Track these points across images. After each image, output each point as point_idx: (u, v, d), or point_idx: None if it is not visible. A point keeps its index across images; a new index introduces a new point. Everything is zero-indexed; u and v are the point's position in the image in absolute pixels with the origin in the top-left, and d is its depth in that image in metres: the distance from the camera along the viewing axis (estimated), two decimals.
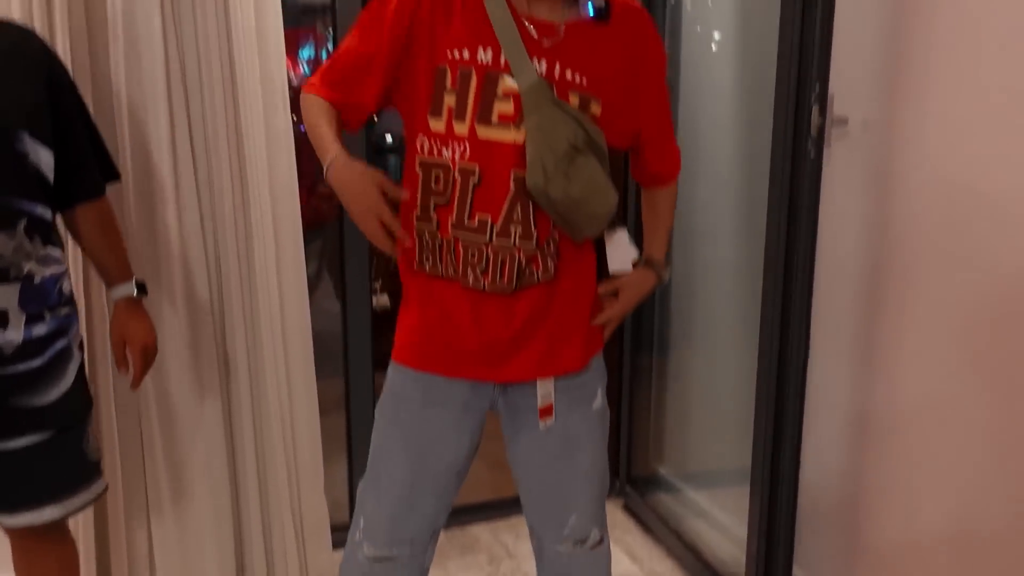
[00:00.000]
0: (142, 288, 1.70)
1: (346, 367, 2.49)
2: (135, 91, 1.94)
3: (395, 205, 1.33)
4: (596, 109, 1.35)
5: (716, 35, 2.40)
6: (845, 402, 1.95)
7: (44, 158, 1.48)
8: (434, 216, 1.36)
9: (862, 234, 1.84)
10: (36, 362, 1.50)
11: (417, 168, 1.36)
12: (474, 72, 1.31)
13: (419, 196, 1.36)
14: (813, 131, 1.69)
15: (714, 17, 2.40)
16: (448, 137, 1.33)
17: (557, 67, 1.33)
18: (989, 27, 1.52)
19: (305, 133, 1.41)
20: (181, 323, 2.06)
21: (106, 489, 1.67)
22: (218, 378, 2.14)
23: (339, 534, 2.08)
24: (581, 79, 1.34)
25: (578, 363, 1.47)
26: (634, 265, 1.57)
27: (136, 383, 1.70)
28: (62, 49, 1.83)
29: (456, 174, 1.33)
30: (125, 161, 1.96)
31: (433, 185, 1.35)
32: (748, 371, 1.98)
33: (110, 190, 1.69)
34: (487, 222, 1.34)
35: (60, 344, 1.54)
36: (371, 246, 1.71)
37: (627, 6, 1.40)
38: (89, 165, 1.62)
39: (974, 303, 1.60)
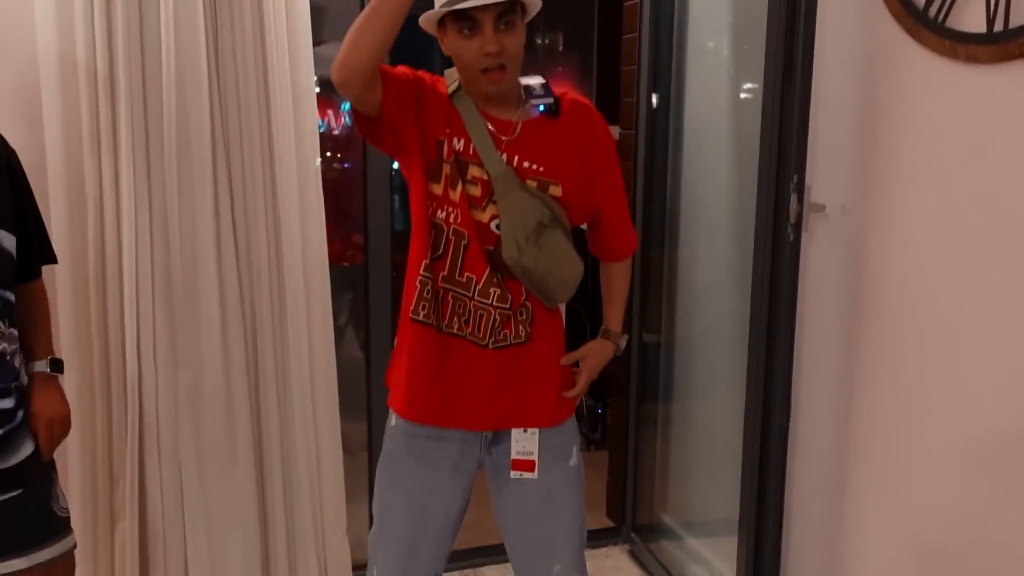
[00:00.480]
0: (57, 365, 1.76)
1: (369, 411, 2.69)
2: (184, 176, 2.18)
3: None
4: (556, 191, 1.57)
5: (714, 130, 2.58)
6: (826, 457, 2.08)
7: (9, 244, 1.60)
8: (432, 269, 1.58)
9: (840, 308, 1.99)
10: (2, 431, 1.61)
11: (425, 223, 1.57)
12: (455, 156, 1.54)
13: (429, 249, 1.57)
14: (792, 217, 1.85)
15: (713, 113, 2.58)
16: (444, 201, 1.55)
17: (516, 158, 1.55)
18: (954, 125, 1.67)
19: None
20: (217, 371, 2.27)
21: (75, 546, 1.75)
22: (250, 424, 2.33)
23: (360, 572, 2.26)
24: (538, 167, 1.56)
25: (552, 419, 1.65)
26: None
27: (45, 455, 1.72)
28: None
29: (451, 234, 1.56)
30: (174, 229, 2.19)
31: (434, 241, 1.57)
32: (741, 424, 2.12)
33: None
34: (472, 280, 1.57)
35: (21, 412, 1.65)
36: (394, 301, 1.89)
37: (575, 101, 1.62)
38: (35, 247, 1.71)
39: (941, 374, 1.73)
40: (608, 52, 3.94)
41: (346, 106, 5.06)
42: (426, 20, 1.54)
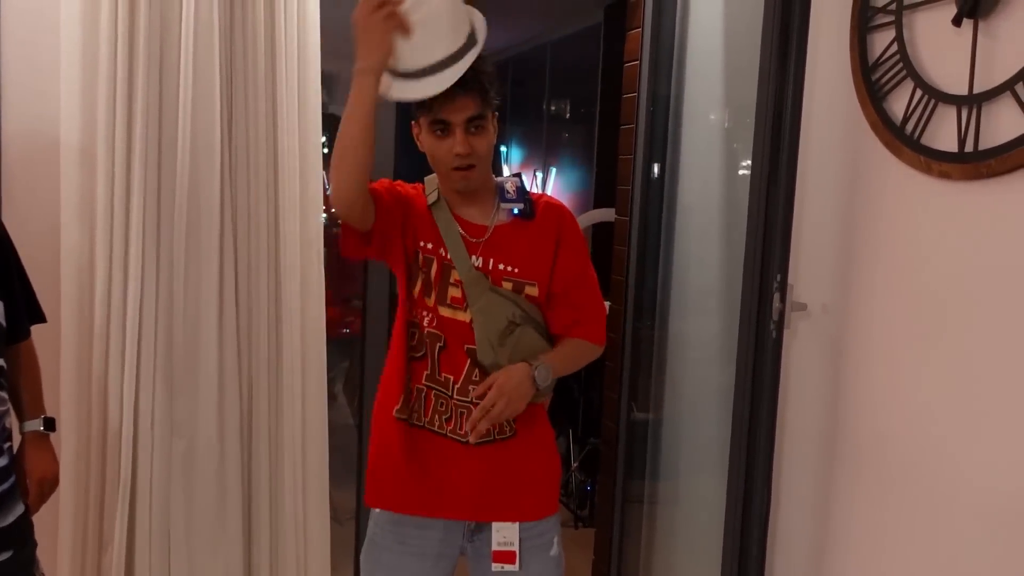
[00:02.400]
0: (50, 424, 1.79)
1: (359, 479, 2.72)
2: (192, 245, 2.26)
3: None
4: (532, 291, 1.66)
5: (706, 206, 2.68)
6: (807, 544, 2.11)
7: (1, 311, 1.64)
8: (412, 368, 1.65)
9: (821, 401, 2.05)
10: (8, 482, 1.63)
11: (405, 324, 1.67)
12: (435, 261, 1.63)
13: (406, 348, 1.66)
14: (775, 315, 1.92)
15: (705, 190, 2.69)
16: (421, 304, 1.64)
17: (491, 261, 1.64)
18: (928, 235, 1.75)
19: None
20: (211, 439, 2.31)
21: None
22: (241, 493, 2.37)
23: None
24: (513, 268, 1.65)
25: (535, 513, 1.69)
26: None
27: (33, 510, 1.74)
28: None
29: (426, 336, 1.64)
30: (178, 297, 2.26)
31: (413, 341, 1.66)
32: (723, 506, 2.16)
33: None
34: (450, 380, 1.64)
35: (14, 473, 1.67)
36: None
37: (548, 203, 1.72)
38: (22, 308, 1.74)
39: (920, 467, 1.78)
40: (609, 137, 4.08)
41: None
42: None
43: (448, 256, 1.63)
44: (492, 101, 1.61)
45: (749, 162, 2.02)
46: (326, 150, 2.40)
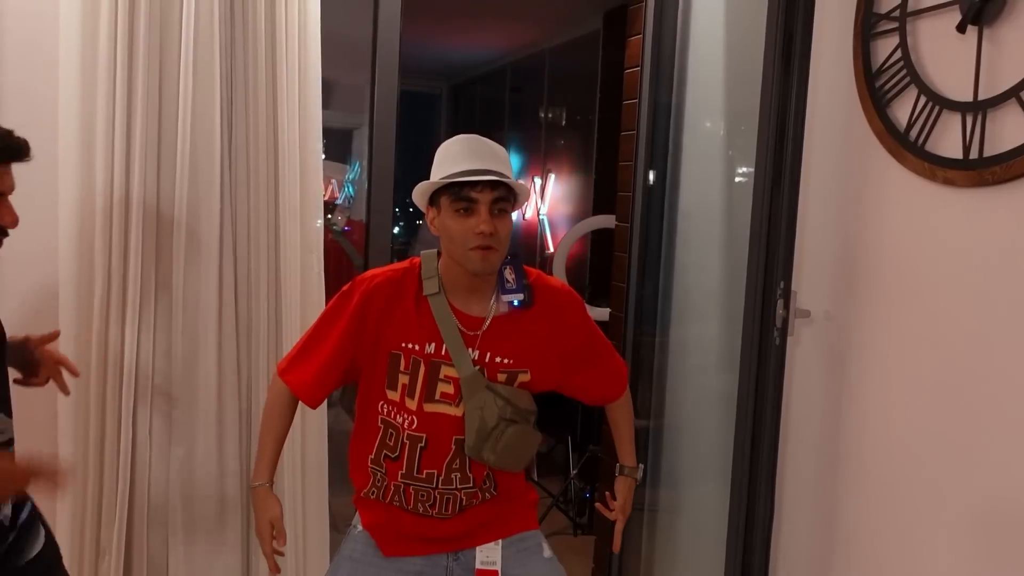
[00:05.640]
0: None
1: None
2: (192, 251, 2.25)
3: (281, 536, 1.68)
4: (525, 377, 1.66)
5: (707, 213, 2.68)
6: (809, 554, 2.10)
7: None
8: (384, 465, 1.65)
9: (824, 408, 2.04)
10: (23, 517, 1.57)
11: (379, 423, 1.65)
12: (423, 361, 1.61)
13: (375, 446, 1.66)
14: (778, 322, 1.91)
15: (706, 196, 2.68)
16: (400, 407, 1.63)
17: (488, 354, 1.63)
18: (932, 241, 1.75)
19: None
20: (211, 446, 2.29)
21: None
22: (240, 500, 2.35)
23: None
24: (509, 360, 1.64)
25: (514, 530, 1.72)
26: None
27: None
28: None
29: (405, 439, 1.63)
30: (178, 302, 2.25)
31: (388, 441, 1.65)
32: (726, 515, 2.14)
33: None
34: (433, 474, 1.64)
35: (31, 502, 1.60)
36: None
37: (547, 288, 1.70)
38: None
39: (922, 476, 1.77)
40: (608, 143, 4.08)
41: (350, 175, 5.19)
42: (419, 193, 1.62)
43: (444, 352, 1.61)
44: (517, 199, 1.61)
45: (751, 168, 2.02)
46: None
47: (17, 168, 1.55)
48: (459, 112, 7.84)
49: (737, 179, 2.54)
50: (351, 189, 5.18)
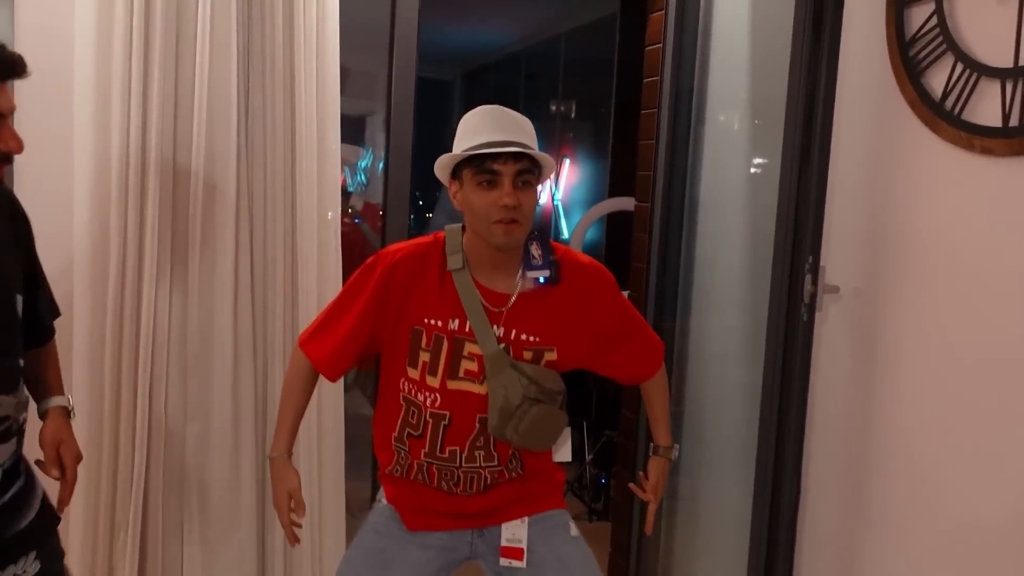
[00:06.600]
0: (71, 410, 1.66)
1: (373, 470, 2.67)
2: (207, 228, 2.22)
3: (298, 504, 1.67)
4: (551, 356, 1.63)
5: (728, 201, 2.63)
6: (836, 540, 2.05)
7: (21, 309, 1.50)
8: (407, 443, 1.62)
9: (852, 387, 1.99)
10: (17, 484, 1.50)
11: (401, 400, 1.62)
12: (445, 338, 1.58)
13: (399, 424, 1.63)
14: (806, 298, 1.86)
15: (727, 185, 2.63)
16: (421, 386, 1.60)
17: (513, 332, 1.60)
18: (967, 214, 1.70)
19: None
20: (226, 424, 2.27)
21: None
22: (255, 479, 2.33)
23: None
24: (535, 338, 1.61)
25: (541, 507, 1.69)
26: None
27: (68, 497, 1.62)
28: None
29: (428, 417, 1.60)
30: (193, 280, 2.21)
31: (411, 419, 1.62)
32: (749, 500, 2.10)
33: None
34: (456, 452, 1.61)
35: (25, 469, 1.54)
36: None
37: (576, 264, 1.66)
38: (47, 309, 1.64)
39: (956, 456, 1.73)
40: (625, 127, 4.03)
41: (362, 163, 5.17)
42: (441, 166, 1.58)
43: (467, 329, 1.57)
44: (541, 171, 1.57)
45: (777, 144, 1.97)
46: None
47: (31, 140, 1.50)
48: (473, 99, 7.80)
49: (764, 155, 2.49)
50: (364, 177, 5.16)
